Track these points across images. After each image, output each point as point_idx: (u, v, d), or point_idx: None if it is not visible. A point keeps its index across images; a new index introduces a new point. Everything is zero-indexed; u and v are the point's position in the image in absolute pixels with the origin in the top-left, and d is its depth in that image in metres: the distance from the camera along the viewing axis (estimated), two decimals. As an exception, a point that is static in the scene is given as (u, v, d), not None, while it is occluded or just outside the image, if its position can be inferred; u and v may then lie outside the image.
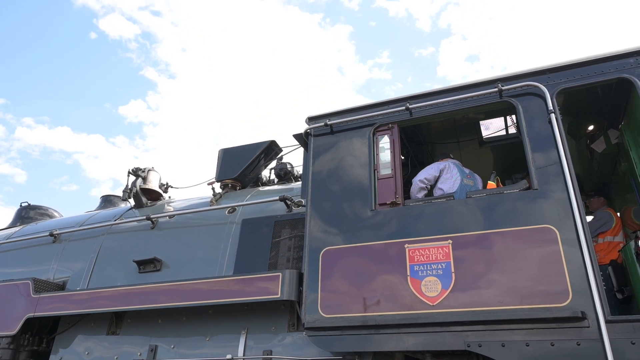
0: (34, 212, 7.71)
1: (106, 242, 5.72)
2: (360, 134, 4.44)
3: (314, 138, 4.63)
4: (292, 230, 4.68)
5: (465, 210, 3.76)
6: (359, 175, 4.26)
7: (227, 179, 5.81)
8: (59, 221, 6.86)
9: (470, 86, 4.15)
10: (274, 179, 6.19)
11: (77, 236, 6.01)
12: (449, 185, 4.27)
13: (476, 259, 3.54)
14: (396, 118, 4.35)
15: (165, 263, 5.19)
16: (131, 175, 6.02)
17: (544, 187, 3.59)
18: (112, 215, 6.17)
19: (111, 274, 5.41)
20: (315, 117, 4.69)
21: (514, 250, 3.45)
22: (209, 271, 4.87)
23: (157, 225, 5.54)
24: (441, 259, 3.65)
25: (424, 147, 5.46)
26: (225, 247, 4.96)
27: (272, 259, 4.65)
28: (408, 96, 4.36)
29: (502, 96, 3.99)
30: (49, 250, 6.07)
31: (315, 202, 4.31)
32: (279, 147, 6.05)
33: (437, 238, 3.72)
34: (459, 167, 4.44)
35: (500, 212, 3.64)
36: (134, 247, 5.47)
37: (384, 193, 4.12)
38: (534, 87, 3.92)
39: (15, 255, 6.38)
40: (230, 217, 5.18)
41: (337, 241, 4.03)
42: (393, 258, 3.78)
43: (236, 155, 5.91)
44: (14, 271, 6.13)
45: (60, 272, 5.81)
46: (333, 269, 3.94)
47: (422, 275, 3.65)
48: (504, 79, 4.05)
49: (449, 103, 4.16)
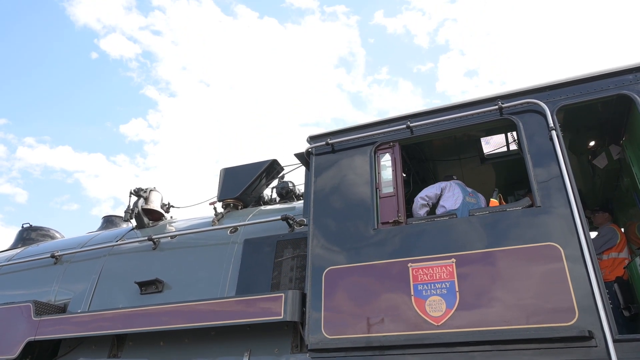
0: (35, 233, 7.69)
1: (108, 263, 5.69)
2: (361, 153, 4.45)
3: (316, 157, 4.64)
4: (295, 250, 4.65)
5: (469, 228, 3.74)
6: (361, 194, 4.25)
7: (228, 199, 5.81)
8: (60, 242, 6.84)
9: (470, 104, 4.17)
10: (275, 197, 6.18)
11: (79, 257, 5.98)
12: (451, 203, 4.26)
13: (480, 278, 3.51)
14: (397, 136, 4.36)
15: (167, 284, 5.15)
16: (133, 195, 6.02)
17: (546, 204, 3.58)
18: (114, 236, 6.15)
19: (113, 296, 5.37)
20: (317, 136, 4.71)
21: (518, 269, 3.43)
22: (211, 292, 4.83)
23: (159, 246, 5.52)
24: (445, 278, 3.62)
25: (426, 164, 5.46)
26: (227, 268, 4.93)
27: (274, 279, 4.61)
28: (409, 114, 4.38)
29: (503, 114, 4.01)
30: (50, 272, 6.04)
31: (318, 221, 4.30)
32: (281, 166, 6.05)
33: (440, 257, 3.70)
34: (461, 186, 4.44)
35: (504, 230, 3.62)
36: (136, 268, 5.44)
37: (387, 212, 4.11)
38: (534, 104, 3.94)
39: (16, 278, 6.35)
40: (233, 237, 5.16)
41: (340, 261, 4.01)
42: (396, 277, 3.75)
43: (238, 174, 5.92)
44: (15, 293, 6.09)
45: (62, 294, 5.77)
46: (336, 289, 3.91)
47: (426, 295, 3.62)
48: (504, 97, 4.07)
49: (449, 121, 4.18)
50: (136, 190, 6.03)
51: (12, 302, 5.52)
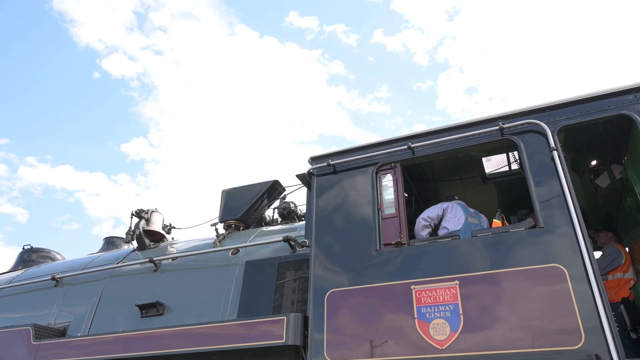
0: (36, 254, 7.64)
1: (109, 285, 5.64)
2: (363, 173, 4.44)
3: (317, 178, 4.64)
4: (297, 272, 4.62)
5: (472, 249, 3.72)
6: (362, 215, 4.24)
7: (230, 220, 5.80)
8: (61, 264, 6.81)
9: (471, 124, 4.19)
10: (277, 218, 6.16)
11: (79, 280, 5.94)
12: (453, 223, 4.24)
13: (485, 300, 3.47)
14: (398, 157, 4.37)
15: (168, 307, 5.11)
16: (134, 216, 6.01)
17: (549, 225, 3.56)
18: (115, 257, 6.12)
19: (113, 319, 5.32)
20: (318, 157, 4.72)
21: (522, 291, 3.39)
22: (212, 314, 4.78)
23: (160, 268, 5.49)
24: (449, 300, 3.58)
25: (428, 184, 5.46)
26: (229, 290, 4.90)
27: (276, 301, 4.57)
28: (410, 135, 4.39)
29: (504, 134, 4.02)
30: (50, 294, 5.99)
31: (319, 243, 4.28)
32: (282, 187, 6.06)
33: (443, 278, 3.66)
34: (463, 207, 4.42)
35: (507, 251, 3.59)
36: (137, 291, 5.40)
37: (389, 233, 4.08)
38: (534, 124, 3.95)
39: (16, 300, 6.30)
40: (234, 259, 5.13)
41: (343, 283, 3.97)
42: (400, 300, 3.71)
43: (239, 195, 5.92)
44: (15, 316, 6.04)
45: (62, 316, 5.71)
46: (339, 311, 3.87)
47: (430, 318, 3.57)
48: (505, 117, 4.08)
49: (450, 141, 4.18)
50: (138, 211, 6.03)
51: (12, 325, 5.47)
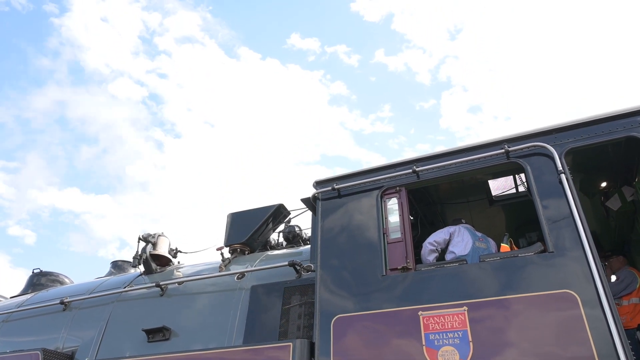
0: (45, 278, 7.70)
1: (116, 310, 5.64)
2: (368, 197, 4.42)
3: (322, 202, 4.62)
4: (302, 297, 4.57)
5: (480, 274, 3.65)
6: (368, 240, 4.20)
7: (235, 244, 5.78)
8: (69, 288, 6.84)
9: (476, 147, 4.15)
10: (282, 242, 6.14)
11: (87, 304, 5.95)
12: (460, 248, 4.17)
13: (494, 327, 3.39)
14: (403, 181, 4.34)
15: (175, 332, 5.08)
16: (141, 241, 6.04)
17: (559, 249, 3.48)
18: (122, 282, 6.13)
19: (120, 344, 5.31)
20: (323, 181, 4.71)
21: (534, 317, 3.31)
22: (218, 339, 4.74)
23: (167, 292, 5.48)
24: (457, 327, 3.50)
25: (433, 207, 5.40)
26: (235, 315, 4.86)
27: (282, 327, 4.52)
28: (414, 159, 4.37)
29: (510, 157, 3.97)
30: (59, 318, 6.01)
31: (325, 267, 4.24)
32: (287, 210, 6.05)
33: (451, 304, 3.59)
34: (470, 231, 4.35)
35: (516, 277, 3.52)
36: (144, 315, 5.39)
37: (395, 257, 4.03)
38: (541, 147, 3.90)
39: (26, 324, 6.32)
40: (240, 283, 5.10)
41: (349, 308, 3.92)
42: (407, 326, 3.64)
43: (244, 219, 5.91)
44: (25, 340, 6.06)
45: (70, 341, 5.71)
46: (345, 337, 3.80)
47: (439, 345, 3.50)
48: (510, 140, 4.04)
49: (455, 165, 4.14)
50: (145, 236, 6.06)
51: (21, 350, 5.49)
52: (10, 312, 6.56)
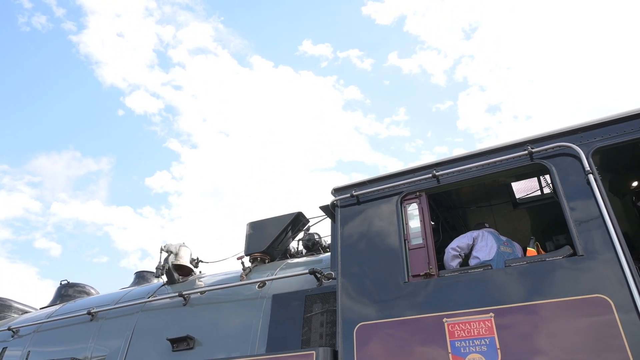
0: (72, 289, 7.94)
1: (141, 320, 5.73)
2: (387, 203, 4.35)
3: (341, 209, 4.57)
4: (324, 305, 4.53)
5: (506, 279, 3.54)
6: (389, 246, 4.13)
7: (256, 253, 5.79)
8: (95, 299, 6.98)
9: (498, 149, 4.04)
10: (302, 250, 6.11)
11: (113, 314, 6.06)
12: (484, 253, 4.06)
13: (523, 333, 3.27)
14: (423, 186, 4.25)
15: (198, 340, 5.11)
16: (163, 252, 6.11)
17: (589, 252, 3.35)
18: (146, 292, 6.22)
19: (146, 353, 5.38)
20: (341, 188, 4.67)
21: (564, 323, 3.18)
22: (241, 348, 4.75)
23: (190, 302, 5.52)
24: (484, 334, 3.40)
25: (455, 211, 5.29)
26: (257, 323, 4.86)
27: (304, 335, 4.48)
28: (434, 163, 4.29)
29: (533, 158, 3.85)
30: (86, 328, 6.14)
31: (346, 275, 4.19)
32: (306, 218, 6.02)
33: (477, 311, 3.49)
34: (494, 235, 4.24)
35: (545, 281, 3.39)
36: (168, 325, 5.45)
37: (417, 264, 3.95)
38: (566, 147, 3.77)
39: (55, 334, 6.49)
40: (261, 292, 5.11)
41: (371, 316, 3.85)
42: (432, 333, 3.55)
43: (263, 228, 5.92)
44: (55, 350, 6.22)
45: (98, 350, 5.82)
46: (369, 345, 3.74)
47: (465, 352, 3.40)
48: (534, 141, 3.92)
49: (477, 168, 4.04)
50: (166, 246, 6.13)
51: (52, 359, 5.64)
52: (41, 323, 6.76)
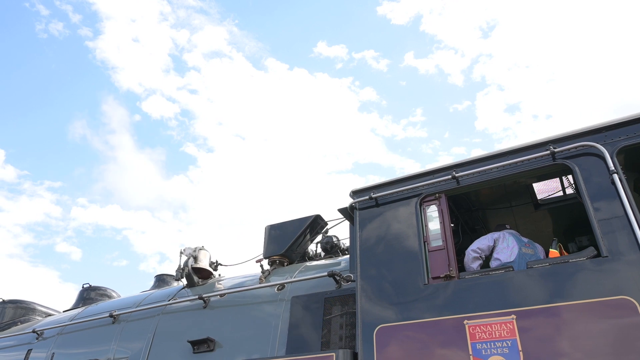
0: (94, 292, 8.09)
1: (162, 322, 5.80)
2: (406, 205, 4.34)
3: (360, 212, 4.57)
4: (343, 307, 4.53)
5: (528, 281, 3.50)
6: (408, 248, 4.12)
7: (274, 255, 5.82)
8: (117, 302, 7.09)
9: (519, 150, 4.00)
10: (320, 252, 6.12)
11: (135, 317, 6.15)
12: (506, 255, 4.02)
13: (546, 336, 3.24)
14: (443, 187, 4.23)
15: (219, 343, 5.15)
16: (183, 255, 6.18)
17: (614, 253, 3.30)
18: (166, 295, 6.29)
19: (167, 354, 5.44)
20: (359, 191, 4.67)
21: (588, 325, 3.13)
22: (261, 350, 4.77)
23: (209, 305, 5.57)
24: (506, 336, 3.37)
25: (475, 213, 5.25)
26: (276, 325, 4.88)
27: (324, 337, 4.50)
28: (454, 164, 4.26)
29: (556, 159, 3.81)
30: (109, 330, 6.24)
31: (365, 277, 4.19)
32: (324, 221, 6.03)
33: (499, 313, 3.46)
34: (515, 236, 4.19)
35: (568, 283, 3.35)
36: (188, 327, 5.51)
37: (437, 266, 3.93)
38: (590, 147, 3.72)
39: (79, 336, 6.61)
40: (280, 295, 5.13)
41: (391, 318, 3.85)
42: (452, 335, 3.54)
43: (282, 230, 5.95)
44: (78, 351, 6.33)
45: (120, 352, 5.91)
46: (389, 347, 3.74)
47: (486, 355, 3.37)
48: (556, 140, 3.87)
49: (497, 169, 4.01)
50: (186, 249, 6.20)
51: (76, 361, 5.76)
52: (64, 325, 6.88)
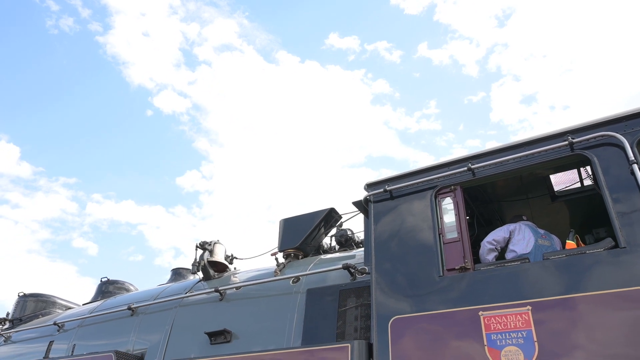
0: (112, 286, 8.24)
1: (179, 314, 5.90)
2: (421, 198, 4.35)
3: (374, 204, 4.59)
4: (358, 299, 4.57)
5: (544, 273, 3.50)
6: (423, 240, 4.13)
7: (289, 249, 5.87)
8: (135, 295, 7.22)
9: (536, 141, 3.97)
10: (335, 246, 6.15)
11: (153, 309, 6.25)
12: (522, 246, 4.01)
13: (561, 327, 3.24)
14: (458, 179, 4.23)
15: (235, 334, 5.23)
16: (199, 248, 6.27)
17: (632, 245, 3.27)
18: (183, 288, 6.38)
19: (185, 346, 5.53)
20: (374, 183, 4.69)
21: (604, 316, 3.13)
22: (277, 341, 4.83)
23: (226, 297, 5.65)
24: (521, 327, 3.38)
25: (490, 206, 5.23)
26: (292, 317, 4.94)
27: (339, 328, 4.54)
28: (469, 156, 4.25)
29: (574, 149, 3.77)
30: (127, 323, 6.36)
31: (380, 269, 4.21)
32: (339, 214, 6.05)
33: (514, 304, 3.47)
34: (532, 228, 4.17)
35: (584, 274, 3.34)
36: (205, 319, 5.60)
37: (452, 258, 3.95)
38: (609, 137, 3.67)
39: (98, 328, 6.75)
40: (295, 287, 5.18)
41: (406, 309, 3.88)
42: (467, 326, 3.56)
43: (296, 224, 5.98)
44: (98, 343, 6.46)
45: (139, 343, 6.03)
46: (404, 338, 3.77)
47: (501, 345, 3.39)
48: (574, 131, 3.83)
49: (514, 160, 3.99)
50: (201, 243, 6.29)
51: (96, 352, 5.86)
52: (84, 318, 7.03)
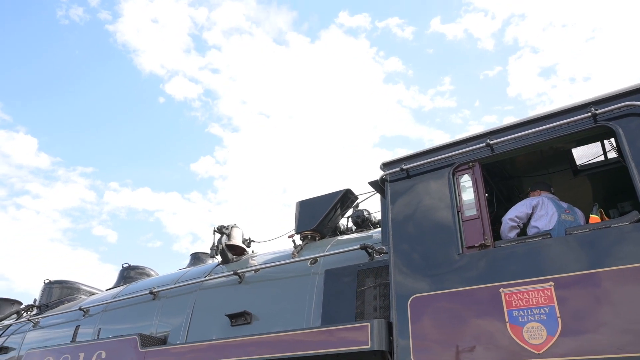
0: (134, 271, 8.45)
1: (199, 297, 6.00)
2: (439, 176, 4.30)
3: (391, 184, 4.56)
4: (376, 279, 4.57)
5: (567, 248, 3.44)
6: (441, 218, 4.09)
7: (306, 231, 5.89)
8: (156, 280, 7.36)
9: (557, 114, 3.86)
10: (351, 227, 6.14)
11: (174, 293, 6.37)
12: (544, 222, 3.92)
13: (585, 302, 3.19)
14: (476, 156, 4.16)
15: (255, 316, 5.30)
16: (216, 233, 6.33)
17: (659, 217, 3.19)
18: (203, 272, 6.47)
19: (206, 328, 5.64)
20: (390, 163, 4.64)
21: (629, 291, 3.07)
22: (296, 322, 4.88)
23: (245, 280, 5.71)
24: (543, 303, 3.34)
25: (510, 182, 5.14)
26: (310, 298, 4.98)
27: (358, 308, 4.56)
28: (488, 131, 4.17)
29: (597, 121, 3.67)
30: (150, 307, 6.49)
31: (398, 249, 4.20)
32: (355, 195, 6.03)
33: (536, 280, 3.42)
34: (554, 202, 4.07)
35: (609, 249, 3.28)
36: (225, 302, 5.68)
37: (471, 235, 3.90)
38: (635, 107, 3.55)
39: (122, 313, 6.91)
40: (313, 268, 5.21)
41: (425, 288, 3.86)
42: (488, 304, 3.53)
43: (313, 206, 5.99)
44: (122, 327, 6.62)
45: (162, 326, 6.16)
46: (423, 317, 3.76)
47: (523, 321, 3.36)
48: (597, 102, 3.72)
49: (534, 134, 3.90)
50: (219, 227, 6.34)
51: (121, 335, 6.02)
52: (108, 303, 7.20)
